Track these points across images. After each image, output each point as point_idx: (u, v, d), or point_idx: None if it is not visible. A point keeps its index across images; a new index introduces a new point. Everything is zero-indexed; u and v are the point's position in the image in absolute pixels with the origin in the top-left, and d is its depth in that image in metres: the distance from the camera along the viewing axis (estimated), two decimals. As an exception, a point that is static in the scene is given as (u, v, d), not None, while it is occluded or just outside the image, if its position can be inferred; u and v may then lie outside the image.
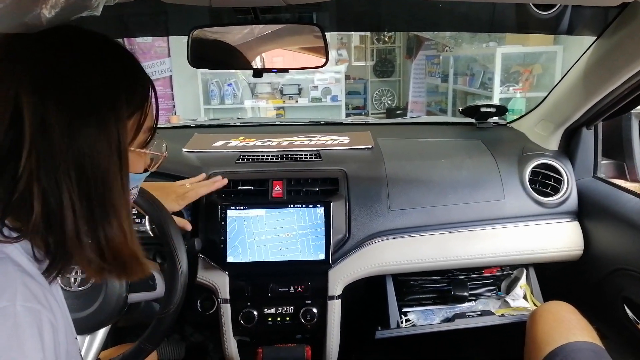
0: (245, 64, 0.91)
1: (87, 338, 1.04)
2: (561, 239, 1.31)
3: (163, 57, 5.42)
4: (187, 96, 5.58)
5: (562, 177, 1.35)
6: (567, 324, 1.05)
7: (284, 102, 5.57)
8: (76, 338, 0.73)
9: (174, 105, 5.57)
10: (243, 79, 5.62)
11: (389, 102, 7.54)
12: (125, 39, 5.22)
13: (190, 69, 5.35)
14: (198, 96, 5.41)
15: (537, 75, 4.33)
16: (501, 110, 1.56)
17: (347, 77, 6.41)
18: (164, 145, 0.81)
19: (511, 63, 4.43)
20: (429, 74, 6.40)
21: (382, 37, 7.44)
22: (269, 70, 0.96)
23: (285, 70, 0.96)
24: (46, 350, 0.52)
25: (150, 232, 1.36)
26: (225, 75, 5.50)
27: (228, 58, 0.91)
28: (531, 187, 1.33)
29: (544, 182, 1.35)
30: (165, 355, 1.74)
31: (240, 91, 5.58)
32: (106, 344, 1.28)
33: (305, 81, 5.65)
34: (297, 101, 5.57)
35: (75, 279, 1.03)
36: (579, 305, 1.11)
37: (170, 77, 5.51)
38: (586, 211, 1.32)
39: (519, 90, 4.27)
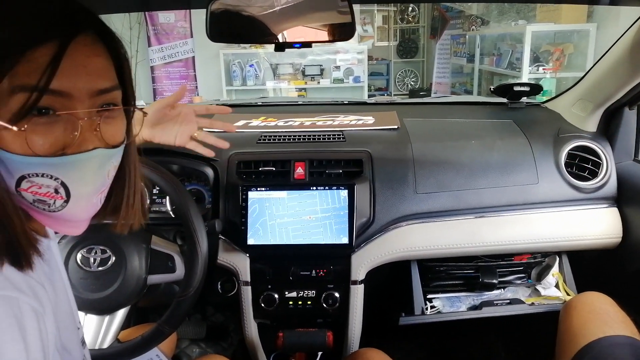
0: (266, 38, 0.86)
1: (107, 318, 1.03)
2: (598, 225, 1.24)
3: (185, 38, 5.39)
4: (210, 77, 5.57)
5: (600, 160, 1.27)
6: (603, 316, 0.99)
7: (305, 83, 5.50)
8: (78, 327, 0.70)
9: (196, 86, 5.57)
10: (265, 59, 5.56)
11: (412, 83, 7.39)
12: (148, 20, 5.23)
13: (212, 50, 5.35)
14: (220, 77, 5.38)
15: (569, 54, 4.14)
16: (536, 89, 1.47)
17: (369, 58, 6.28)
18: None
19: (541, 42, 4.25)
20: (454, 54, 6.23)
21: (405, 16, 7.26)
22: (291, 45, 0.91)
23: (309, 44, 0.90)
24: (29, 339, 0.49)
25: (171, 213, 1.35)
26: (247, 56, 5.46)
27: (248, 31, 0.86)
28: (567, 171, 1.26)
29: (581, 165, 1.28)
30: (186, 334, 1.75)
31: (262, 72, 5.54)
32: (128, 324, 1.28)
33: (327, 62, 5.57)
34: (319, 82, 5.49)
35: (95, 259, 1.02)
36: (616, 297, 1.05)
37: (193, 57, 5.49)
38: (626, 196, 1.25)
39: (549, 70, 4.10)
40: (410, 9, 7.23)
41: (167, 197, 1.34)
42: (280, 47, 0.86)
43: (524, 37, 4.10)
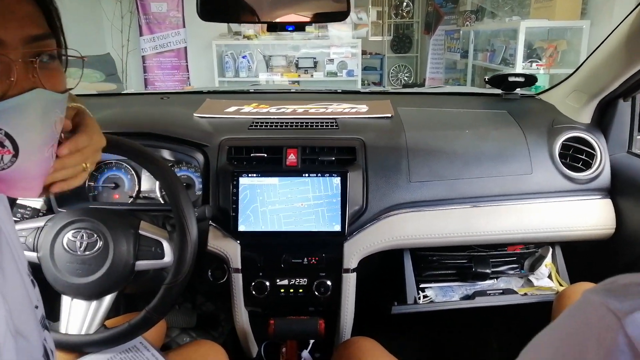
0: (258, 17, 0.84)
1: (93, 304, 1.01)
2: (592, 216, 1.23)
3: (178, 28, 5.34)
4: (202, 68, 5.53)
5: (594, 151, 1.27)
6: None
7: (299, 75, 5.47)
8: (37, 306, 0.66)
9: (188, 77, 5.52)
10: (258, 51, 5.52)
11: (406, 78, 7.39)
12: (140, 9, 5.16)
13: (205, 40, 5.30)
14: (212, 68, 5.34)
15: (562, 51, 4.16)
16: (530, 79, 1.46)
17: (363, 52, 6.26)
18: None
19: (535, 38, 4.26)
20: (447, 50, 6.23)
21: (400, 12, 7.25)
22: (284, 27, 0.89)
23: (302, 27, 0.88)
24: None
25: (160, 199, 1.33)
26: (240, 48, 5.42)
27: (240, 10, 0.84)
28: (561, 162, 1.26)
29: (575, 156, 1.27)
30: (177, 323, 1.73)
31: (255, 64, 5.50)
32: (117, 311, 1.27)
33: (321, 55, 5.54)
34: (312, 75, 5.47)
35: (81, 243, 0.99)
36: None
37: (185, 48, 5.44)
38: (619, 188, 1.25)
39: (542, 66, 4.11)
40: (404, 4, 7.21)
41: (157, 183, 1.32)
42: (273, 28, 0.84)
43: (518, 33, 4.11)
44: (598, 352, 0.32)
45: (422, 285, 1.29)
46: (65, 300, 1.01)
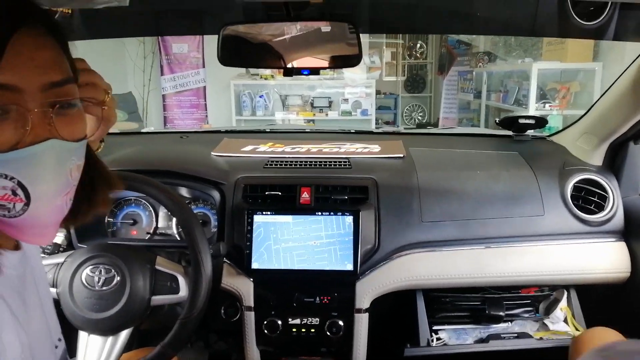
0: (275, 63, 0.89)
1: (110, 339, 1.02)
2: (606, 259, 1.22)
3: (198, 68, 5.52)
4: (220, 107, 5.67)
5: (606, 193, 1.27)
6: None
7: (314, 114, 5.57)
8: (56, 346, 0.66)
9: (206, 115, 5.66)
10: (275, 91, 5.67)
11: (420, 117, 7.46)
12: (162, 50, 5.38)
13: (224, 80, 5.47)
14: (230, 107, 5.48)
15: (575, 93, 4.19)
16: (541, 122, 1.49)
17: (377, 92, 6.38)
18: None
19: (547, 80, 4.31)
20: (461, 90, 6.31)
21: (414, 52, 7.40)
22: (299, 71, 0.94)
23: (317, 70, 0.93)
24: None
25: (176, 235, 1.36)
26: (257, 87, 5.57)
27: (258, 56, 0.89)
28: (573, 204, 1.26)
29: (587, 198, 1.27)
30: (188, 362, 1.72)
31: (271, 103, 5.63)
32: (130, 347, 1.27)
33: (336, 94, 5.66)
34: (327, 114, 5.57)
35: (100, 279, 1.02)
36: (626, 333, 1.02)
37: (204, 87, 5.61)
38: (633, 231, 1.24)
39: (555, 107, 4.14)
40: (418, 45, 7.37)
41: (174, 220, 1.36)
42: (289, 72, 0.88)
43: (530, 75, 4.16)
44: None
45: (435, 327, 1.28)
46: (82, 335, 1.02)
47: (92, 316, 1.00)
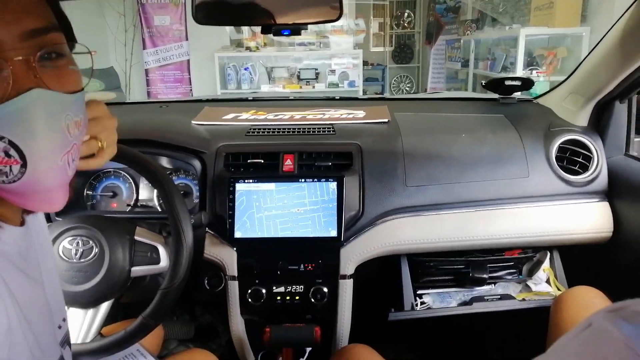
0: (253, 20, 0.85)
1: (90, 312, 1.01)
2: (589, 219, 1.22)
3: (180, 41, 5.39)
4: (204, 80, 5.57)
5: (591, 154, 1.26)
6: (593, 310, 0.97)
7: (300, 87, 5.50)
8: (60, 326, 0.65)
9: (191, 89, 5.56)
10: (261, 63, 5.57)
11: (408, 88, 7.41)
12: (143, 23, 5.22)
13: (207, 53, 5.35)
14: (215, 80, 5.38)
15: (562, 58, 4.16)
16: (527, 83, 1.47)
17: (365, 63, 6.30)
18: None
19: (535, 46, 4.27)
20: (448, 59, 6.25)
21: (401, 22, 7.29)
22: (279, 29, 0.89)
23: (297, 29, 0.89)
24: None
25: (157, 207, 1.33)
26: (242, 60, 5.46)
27: (235, 13, 0.84)
28: (558, 165, 1.25)
29: (572, 159, 1.27)
30: (174, 335, 1.72)
31: (257, 76, 5.54)
32: (115, 320, 1.26)
33: (323, 66, 5.58)
34: (314, 86, 5.49)
35: (77, 251, 0.99)
36: (607, 291, 1.03)
37: (188, 61, 5.49)
38: (617, 191, 1.24)
39: (542, 73, 4.12)
40: (406, 14, 7.26)
41: (155, 191, 1.33)
42: (267, 29, 0.84)
43: (518, 41, 4.12)
44: None
45: (419, 292, 1.28)
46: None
47: (71, 289, 0.98)
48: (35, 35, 0.48)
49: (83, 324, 1.00)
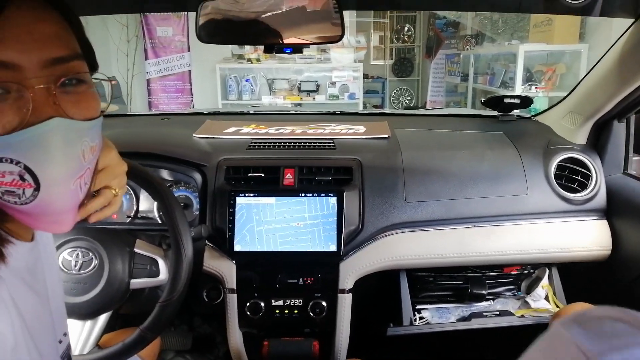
0: (256, 40, 0.87)
1: (88, 323, 1.01)
2: (588, 237, 1.23)
3: (182, 52, 5.43)
4: (206, 91, 5.60)
5: (590, 172, 1.27)
6: None
7: (301, 98, 5.53)
8: (60, 341, 0.65)
9: (192, 100, 5.58)
10: (262, 75, 5.60)
11: (407, 101, 7.44)
12: (145, 34, 5.27)
13: (209, 64, 5.39)
14: (216, 91, 5.41)
15: (561, 74, 4.20)
16: (526, 101, 1.48)
17: (365, 76, 6.34)
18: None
19: (534, 62, 4.31)
20: (448, 73, 6.30)
21: (401, 36, 7.35)
22: (281, 49, 0.91)
23: (299, 49, 0.90)
24: None
25: (158, 219, 1.33)
26: (243, 71, 5.50)
27: (238, 32, 0.86)
28: (557, 183, 1.26)
29: (571, 177, 1.28)
30: (172, 345, 1.71)
31: (258, 87, 5.57)
32: (112, 329, 1.25)
33: (323, 78, 5.61)
34: (314, 98, 5.52)
35: (77, 262, 1.00)
36: (606, 309, 1.03)
37: (189, 71, 5.52)
38: (615, 209, 1.25)
39: (541, 89, 4.15)
40: (406, 29, 7.33)
41: (155, 203, 1.33)
42: (270, 49, 0.86)
43: (517, 57, 4.16)
44: None
45: (418, 307, 1.28)
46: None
47: (70, 300, 0.98)
48: (57, 64, 0.49)
49: (81, 335, 1.00)
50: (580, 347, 0.30)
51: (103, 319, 1.02)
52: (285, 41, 0.86)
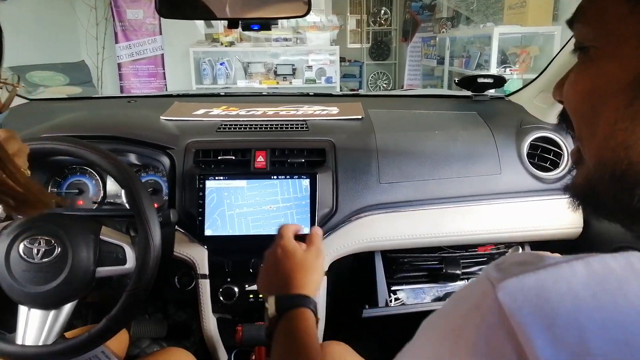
0: (219, 13, 0.83)
1: (52, 313, 0.97)
2: (560, 216, 1.24)
3: (154, 35, 5.29)
4: (179, 75, 5.48)
5: (562, 151, 1.28)
6: None
7: (277, 82, 5.46)
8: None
9: (165, 84, 5.46)
10: (237, 58, 5.50)
11: (385, 85, 7.44)
12: (115, 16, 5.10)
13: (182, 47, 5.26)
14: (190, 75, 5.29)
15: (534, 57, 4.24)
16: (499, 81, 1.48)
17: (342, 60, 6.29)
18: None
19: (508, 45, 4.34)
20: (424, 57, 6.30)
21: (378, 19, 7.31)
22: (247, 24, 0.87)
23: (267, 24, 0.87)
24: None
25: (126, 204, 1.29)
26: (217, 54, 5.39)
27: (200, 6, 0.82)
28: (529, 162, 1.26)
29: (543, 156, 1.28)
30: (147, 333, 1.68)
31: (233, 71, 5.47)
32: (85, 322, 1.21)
33: (300, 62, 5.55)
34: (291, 82, 5.47)
35: (39, 250, 0.95)
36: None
37: (162, 55, 5.39)
38: None
39: (515, 71, 4.18)
40: (382, 12, 7.29)
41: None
42: (234, 24, 0.82)
43: (492, 39, 4.18)
44: (475, 317, 0.34)
45: (393, 288, 1.28)
46: (22, 310, 0.96)
47: (32, 289, 0.94)
48: None
49: (44, 326, 0.96)
50: (488, 276, 0.36)
51: (67, 308, 0.98)
52: (250, 15, 0.82)
